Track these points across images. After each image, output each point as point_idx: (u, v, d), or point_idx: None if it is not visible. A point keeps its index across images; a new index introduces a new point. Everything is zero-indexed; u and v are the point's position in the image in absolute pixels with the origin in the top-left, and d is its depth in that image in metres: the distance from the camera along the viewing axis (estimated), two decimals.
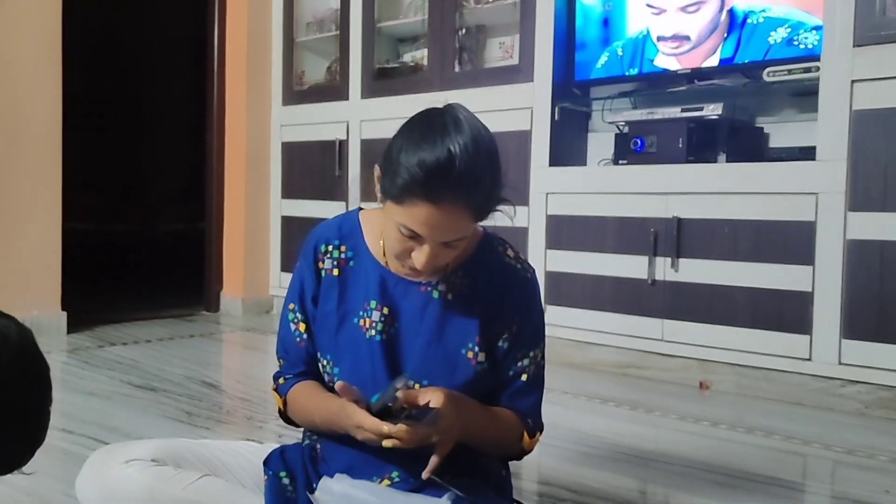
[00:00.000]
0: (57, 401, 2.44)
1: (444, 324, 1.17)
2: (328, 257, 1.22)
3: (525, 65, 3.16)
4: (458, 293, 1.19)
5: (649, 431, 2.27)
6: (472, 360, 1.17)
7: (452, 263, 1.18)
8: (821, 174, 2.45)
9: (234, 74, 4.21)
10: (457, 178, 1.00)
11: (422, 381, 1.16)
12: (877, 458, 2.00)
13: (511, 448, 1.23)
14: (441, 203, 1.01)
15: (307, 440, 1.27)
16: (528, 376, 1.22)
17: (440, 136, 1.02)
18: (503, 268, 1.21)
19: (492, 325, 1.18)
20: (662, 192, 2.77)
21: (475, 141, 1.03)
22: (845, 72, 2.40)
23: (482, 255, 1.21)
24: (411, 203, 1.03)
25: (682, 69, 2.83)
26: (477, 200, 1.04)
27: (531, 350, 1.22)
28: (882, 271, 2.35)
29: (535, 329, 1.23)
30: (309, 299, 1.23)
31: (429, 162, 1.00)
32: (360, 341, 1.18)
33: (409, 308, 1.18)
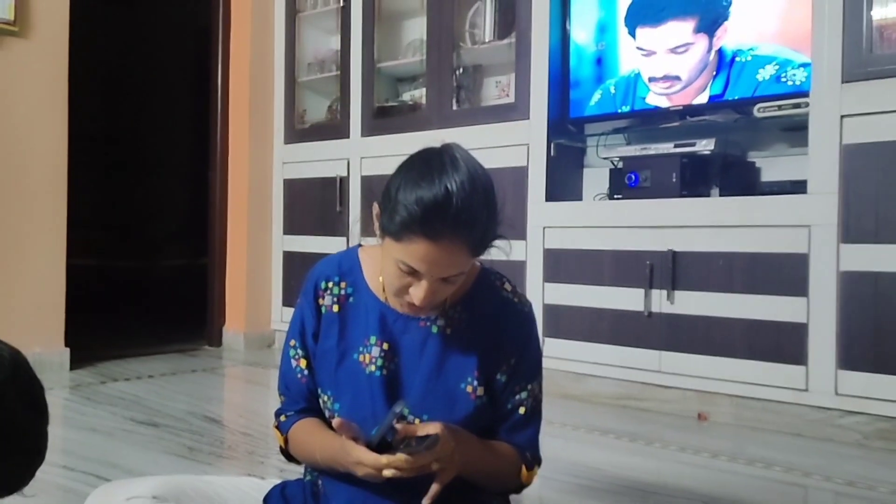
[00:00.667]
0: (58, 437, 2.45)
1: (443, 359, 1.19)
2: (328, 294, 1.24)
3: (521, 103, 3.21)
4: (457, 328, 1.20)
5: (649, 463, 2.27)
6: (471, 394, 1.18)
7: (451, 298, 1.20)
8: (813, 207, 2.48)
9: (236, 113, 4.27)
10: (454, 216, 1.02)
11: (422, 416, 1.17)
12: (877, 489, 2.00)
13: (509, 482, 1.23)
14: (439, 240, 1.03)
15: (308, 476, 1.28)
16: (525, 409, 1.23)
17: (438, 174, 1.04)
18: (501, 302, 1.23)
19: (490, 358, 1.20)
20: (657, 226, 2.80)
21: (472, 179, 1.05)
22: (834, 107, 2.44)
23: (480, 290, 1.23)
24: (409, 240, 1.05)
25: (673, 106, 2.89)
26: (474, 237, 1.06)
27: (529, 383, 1.23)
28: (876, 302, 2.37)
29: (532, 363, 1.24)
30: (310, 335, 1.25)
31: (426, 200, 1.03)
32: (360, 377, 1.20)
33: (409, 343, 1.20)
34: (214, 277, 4.31)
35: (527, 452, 1.23)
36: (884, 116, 2.37)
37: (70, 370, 3.45)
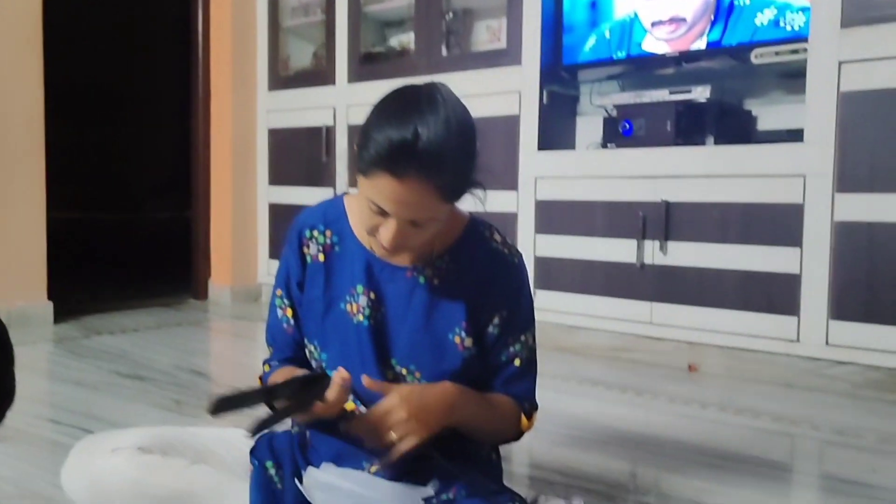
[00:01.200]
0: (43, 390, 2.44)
1: (431, 309, 1.17)
2: (313, 242, 1.21)
3: (513, 48, 3.14)
4: (445, 279, 1.18)
5: (639, 414, 2.28)
6: (459, 345, 1.16)
7: (438, 249, 1.17)
8: (808, 156, 2.45)
9: (218, 60, 4.17)
10: (420, 156, 0.99)
11: (409, 366, 1.16)
12: (865, 438, 2.02)
13: (509, 433, 1.23)
14: (404, 179, 1.00)
15: (296, 427, 1.26)
16: (521, 361, 1.21)
17: (410, 113, 1.01)
18: (490, 253, 1.20)
19: (480, 310, 1.18)
20: (651, 176, 2.77)
21: (446, 121, 1.01)
22: (832, 53, 2.39)
23: (468, 241, 1.20)
24: (376, 176, 1.02)
25: (670, 52, 2.82)
26: (443, 180, 1.02)
27: (522, 334, 1.21)
28: (869, 253, 2.36)
29: (525, 314, 1.22)
30: (294, 285, 1.23)
31: (394, 138, 1.00)
32: (347, 326, 1.18)
33: (396, 293, 1.18)
34: (199, 230, 4.26)
35: (524, 402, 1.23)
36: (883, 63, 2.33)
37: (54, 324, 3.42)
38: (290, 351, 1.24)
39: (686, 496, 1.59)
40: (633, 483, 1.70)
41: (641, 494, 1.62)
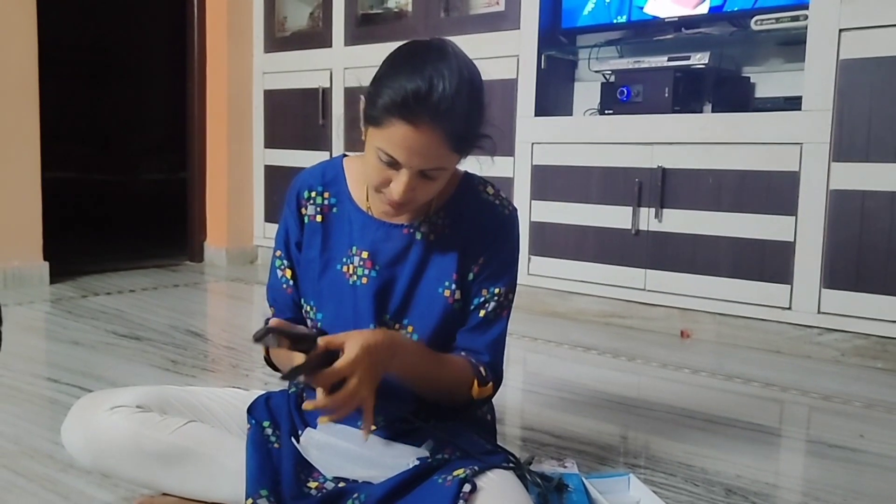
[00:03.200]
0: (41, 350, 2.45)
1: (424, 264, 1.18)
2: (311, 203, 1.22)
3: (511, 11, 3.10)
4: (440, 234, 1.19)
5: (631, 379, 2.31)
6: (448, 298, 1.17)
7: (435, 204, 1.18)
8: (806, 124, 2.45)
9: (214, 20, 4.11)
10: (435, 103, 1.01)
11: (402, 321, 1.17)
12: (852, 403, 2.05)
13: (458, 395, 1.18)
14: (418, 125, 1.01)
15: (293, 387, 1.27)
16: (485, 313, 1.19)
17: (423, 63, 1.03)
18: (481, 204, 1.21)
19: (465, 259, 1.19)
20: (648, 143, 2.76)
21: (458, 72, 1.03)
22: (833, 20, 2.38)
23: (463, 196, 1.21)
24: (389, 124, 1.03)
25: (669, 17, 2.79)
26: (455, 129, 1.03)
27: (494, 286, 1.19)
28: (863, 221, 2.37)
29: (501, 265, 1.20)
30: (293, 245, 1.23)
31: (409, 86, 1.01)
32: (343, 287, 1.19)
33: (392, 251, 1.19)
34: (195, 192, 4.24)
35: (480, 366, 1.18)
36: (883, 31, 2.31)
37: (50, 284, 3.42)
38: (290, 311, 1.25)
39: (676, 459, 1.62)
40: (624, 446, 1.73)
41: (632, 457, 1.65)
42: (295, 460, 1.14)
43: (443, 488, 1.00)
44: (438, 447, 1.13)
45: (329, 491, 1.10)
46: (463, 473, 1.01)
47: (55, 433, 1.26)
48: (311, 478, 1.13)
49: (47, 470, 1.46)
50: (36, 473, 1.45)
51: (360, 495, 1.07)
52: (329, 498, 1.08)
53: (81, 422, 1.19)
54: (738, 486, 1.49)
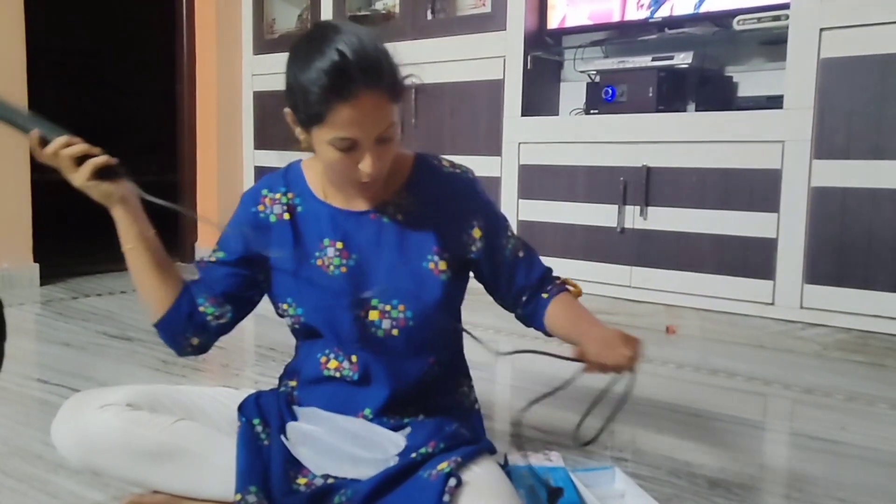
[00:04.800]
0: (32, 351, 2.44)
1: (402, 244, 1.19)
2: (277, 204, 1.23)
3: (498, 13, 3.12)
4: (408, 212, 1.21)
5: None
6: (434, 271, 1.19)
7: (393, 187, 1.20)
8: (787, 122, 2.48)
9: (203, 23, 4.11)
10: (359, 68, 1.02)
11: (392, 301, 1.18)
12: (834, 396, 2.08)
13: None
14: (357, 97, 1.02)
15: (283, 387, 1.29)
16: (522, 252, 1.29)
17: (324, 43, 1.04)
18: (444, 178, 1.24)
19: (449, 233, 1.21)
20: (632, 142, 2.79)
21: (356, 34, 1.05)
22: (814, 20, 2.40)
23: (421, 172, 1.23)
24: (332, 112, 1.04)
25: (652, 18, 2.82)
26: (386, 80, 1.05)
27: (507, 231, 1.28)
28: (843, 218, 2.40)
29: (499, 217, 1.29)
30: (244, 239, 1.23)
31: (327, 67, 1.02)
32: (321, 280, 1.19)
33: (363, 238, 1.20)
34: (185, 193, 4.24)
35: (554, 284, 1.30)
36: (862, 29, 2.34)
37: (40, 286, 3.42)
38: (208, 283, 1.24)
39: (660, 452, 1.64)
40: (609, 440, 1.74)
41: (617, 450, 1.66)
42: (284, 457, 1.15)
43: (428, 483, 1.01)
44: (422, 441, 1.14)
45: (317, 487, 1.10)
46: (447, 467, 1.02)
47: (45, 434, 1.25)
48: (300, 474, 1.14)
49: (37, 470, 1.46)
50: (25, 474, 1.45)
51: (347, 491, 1.08)
52: (317, 494, 1.09)
53: (71, 420, 1.19)
54: (722, 479, 1.50)
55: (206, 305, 1.22)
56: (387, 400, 1.18)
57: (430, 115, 3.31)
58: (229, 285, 1.23)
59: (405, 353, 1.19)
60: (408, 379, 1.19)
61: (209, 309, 1.22)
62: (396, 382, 1.19)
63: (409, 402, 1.20)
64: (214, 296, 1.22)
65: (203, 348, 1.27)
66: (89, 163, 1.17)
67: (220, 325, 1.24)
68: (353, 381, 1.19)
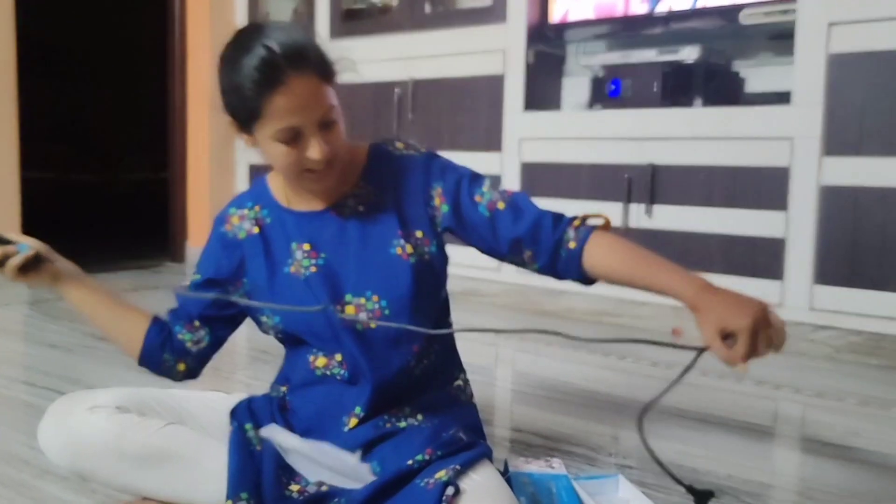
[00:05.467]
0: (18, 353, 2.40)
1: (365, 234, 1.19)
2: (246, 220, 1.24)
3: (498, 5, 3.08)
4: (368, 202, 1.21)
5: (622, 378, 2.28)
6: (402, 255, 1.18)
7: (350, 179, 1.20)
8: (796, 119, 2.44)
9: (196, 18, 4.08)
10: (285, 56, 1.04)
11: (365, 292, 1.16)
12: (846, 401, 2.04)
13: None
14: (288, 83, 1.04)
15: (275, 392, 1.27)
16: (503, 202, 1.18)
17: (250, 41, 1.07)
18: (396, 160, 1.23)
19: (410, 213, 1.19)
20: (637, 138, 2.75)
21: (279, 26, 1.08)
22: (822, 14, 2.37)
23: (376, 162, 1.23)
24: (268, 104, 1.05)
25: (658, 11, 2.78)
26: (314, 62, 1.07)
27: (477, 188, 1.20)
28: (855, 217, 2.36)
29: (462, 175, 1.21)
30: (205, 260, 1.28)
31: (254, 62, 1.05)
32: (296, 286, 1.19)
33: (329, 235, 1.20)
34: (176, 192, 4.21)
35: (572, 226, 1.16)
36: (872, 25, 2.31)
37: (28, 286, 3.36)
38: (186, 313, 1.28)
39: (668, 458, 1.57)
40: (614, 446, 1.70)
41: (622, 457, 1.62)
42: (276, 463, 1.13)
43: (425, 492, 1.00)
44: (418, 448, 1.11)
45: (310, 494, 1.09)
46: (445, 476, 1.00)
47: (31, 438, 1.24)
48: (292, 481, 1.12)
49: (23, 475, 1.43)
50: (11, 479, 1.42)
51: (342, 500, 1.06)
52: (310, 502, 1.08)
53: (59, 422, 1.16)
54: (730, 486, 1.47)
55: (183, 332, 1.27)
56: (371, 394, 1.15)
57: (429, 111, 3.27)
58: (203, 307, 1.26)
59: (386, 344, 1.17)
60: (391, 370, 1.17)
61: (186, 336, 1.27)
62: (380, 375, 1.16)
63: (399, 397, 1.18)
64: (190, 321, 1.26)
65: (193, 373, 1.31)
66: (9, 265, 1.23)
67: (202, 350, 1.28)
68: (345, 379, 1.18)
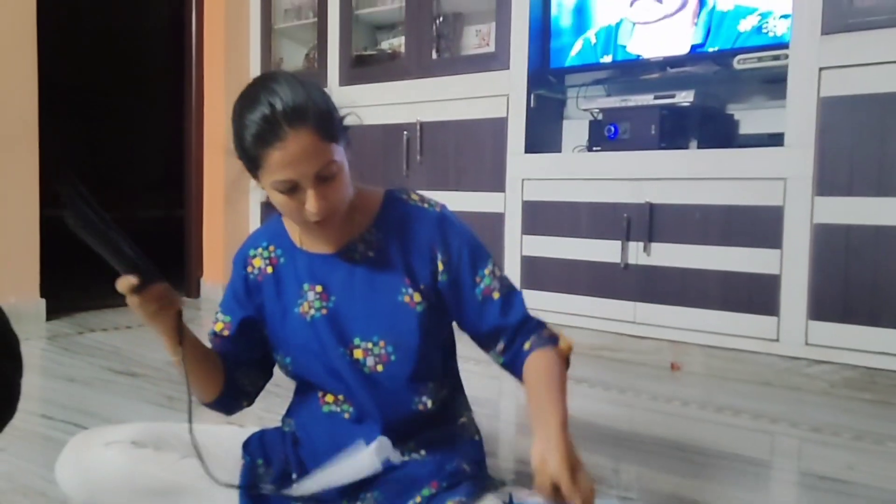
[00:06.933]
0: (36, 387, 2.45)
1: (373, 279, 1.20)
2: (260, 259, 1.27)
3: (501, 52, 3.17)
4: (378, 248, 1.21)
5: (622, 411, 2.31)
6: (409, 303, 1.19)
7: (362, 224, 1.21)
8: (789, 160, 2.50)
9: (211, 61, 4.18)
10: (284, 113, 1.04)
11: (372, 337, 1.18)
12: (842, 435, 2.06)
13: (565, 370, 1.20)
14: (284, 139, 1.04)
15: (287, 426, 1.29)
16: (499, 293, 1.22)
17: (258, 95, 1.08)
18: (410, 211, 1.23)
19: (415, 265, 1.20)
20: (635, 178, 2.81)
21: (289, 81, 1.08)
22: (813, 59, 2.43)
23: (388, 209, 1.24)
24: (266, 158, 1.06)
25: (654, 57, 2.87)
26: (313, 120, 1.06)
27: (481, 269, 1.22)
28: (847, 254, 2.41)
29: (470, 251, 1.22)
30: (240, 301, 1.28)
31: (256, 118, 1.06)
32: (303, 326, 1.21)
33: (339, 279, 1.21)
34: (192, 229, 4.28)
35: (539, 335, 1.20)
36: (862, 69, 2.37)
37: (47, 321, 3.43)
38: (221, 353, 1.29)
39: (667, 492, 1.62)
40: (614, 478, 1.73)
41: (623, 489, 1.64)
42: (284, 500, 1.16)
43: None
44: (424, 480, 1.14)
45: None
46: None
47: (49, 470, 1.25)
48: None
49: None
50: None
51: None
52: None
53: (76, 458, 1.19)
54: None
55: (243, 381, 1.28)
56: (394, 437, 1.18)
57: (435, 153, 3.35)
58: (249, 351, 1.28)
59: (392, 389, 1.18)
60: (398, 414, 1.19)
61: (245, 383, 1.29)
62: (387, 417, 1.18)
63: (405, 436, 1.20)
64: (241, 367, 1.28)
65: (251, 404, 1.34)
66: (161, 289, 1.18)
67: (259, 387, 1.32)
68: (353, 417, 1.20)
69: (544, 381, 1.14)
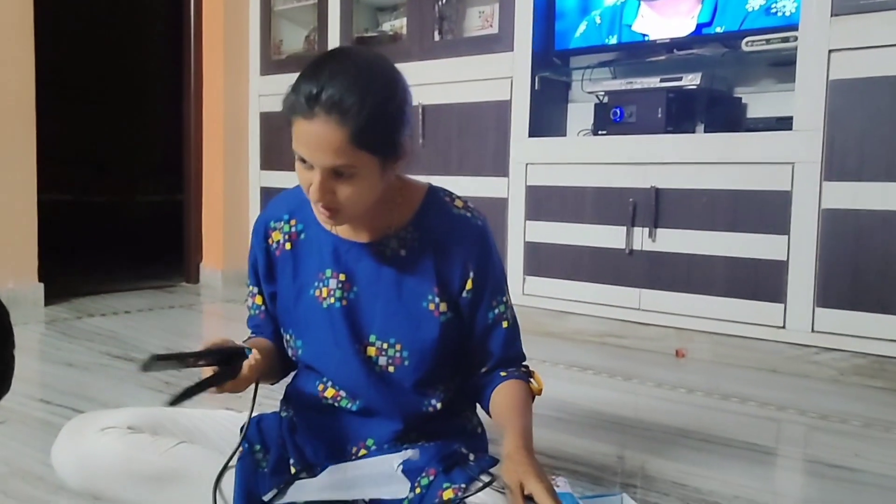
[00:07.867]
0: (34, 371, 2.44)
1: (401, 280, 1.17)
2: (280, 232, 1.23)
3: (505, 34, 3.13)
4: (411, 248, 1.18)
5: (627, 398, 2.30)
6: (434, 312, 1.17)
7: (400, 219, 1.18)
8: (797, 144, 2.46)
9: (210, 44, 4.15)
10: (325, 95, 1.01)
11: (389, 339, 1.17)
12: (849, 423, 2.04)
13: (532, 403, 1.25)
14: (313, 118, 1.02)
15: (284, 412, 1.28)
16: (508, 323, 1.24)
17: (319, 66, 1.05)
18: (453, 218, 1.20)
19: (449, 275, 1.18)
20: (641, 163, 2.78)
21: (355, 72, 1.04)
22: (823, 41, 2.40)
23: (430, 208, 1.20)
24: (295, 123, 1.05)
25: (660, 38, 2.82)
26: (350, 120, 1.01)
27: (500, 296, 1.23)
28: (856, 240, 2.38)
29: (498, 276, 1.23)
30: (263, 275, 1.25)
31: (303, 84, 1.03)
32: (317, 312, 1.18)
33: (365, 271, 1.18)
34: (191, 214, 4.25)
35: (524, 376, 1.25)
36: (872, 51, 2.33)
37: (45, 306, 3.42)
38: (269, 334, 1.28)
39: (671, 479, 1.61)
40: (619, 466, 1.72)
41: (627, 477, 1.64)
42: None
43: None
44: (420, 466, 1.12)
45: None
46: (453, 497, 1.01)
47: (46, 455, 1.25)
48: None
49: (37, 492, 1.45)
50: (26, 495, 1.43)
51: None
52: None
53: (72, 443, 1.18)
54: None
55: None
56: (389, 433, 1.17)
57: (438, 136, 3.31)
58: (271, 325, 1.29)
59: (402, 390, 1.18)
60: (408, 412, 1.19)
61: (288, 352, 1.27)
62: (401, 415, 1.18)
63: (409, 430, 1.19)
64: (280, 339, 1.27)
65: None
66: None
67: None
68: (353, 411, 1.19)
69: (514, 402, 1.19)
